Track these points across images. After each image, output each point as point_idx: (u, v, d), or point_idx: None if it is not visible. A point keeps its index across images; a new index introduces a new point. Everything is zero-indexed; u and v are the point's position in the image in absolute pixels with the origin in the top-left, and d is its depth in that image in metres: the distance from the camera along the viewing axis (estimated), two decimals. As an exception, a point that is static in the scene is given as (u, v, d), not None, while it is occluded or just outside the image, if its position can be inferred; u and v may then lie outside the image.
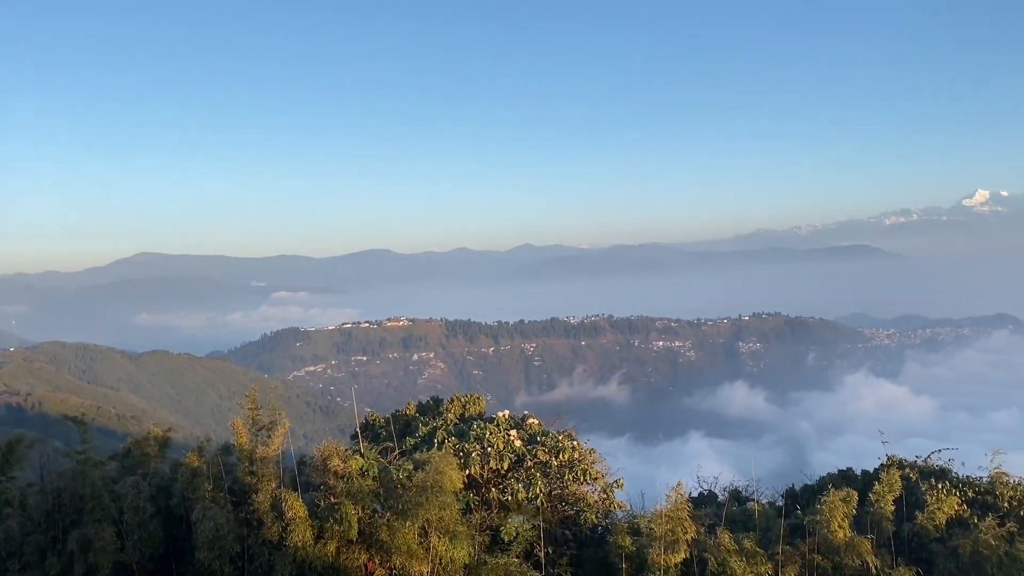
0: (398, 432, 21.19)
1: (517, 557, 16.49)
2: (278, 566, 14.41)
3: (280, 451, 16.29)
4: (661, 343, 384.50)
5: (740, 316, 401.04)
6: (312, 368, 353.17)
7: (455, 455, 17.34)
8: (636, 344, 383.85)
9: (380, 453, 17.94)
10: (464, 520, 16.31)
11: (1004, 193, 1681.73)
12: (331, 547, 14.69)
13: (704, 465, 28.32)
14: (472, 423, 19.78)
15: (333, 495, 15.36)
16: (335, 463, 15.51)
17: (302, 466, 17.97)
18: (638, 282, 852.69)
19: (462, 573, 15.66)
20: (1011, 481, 19.34)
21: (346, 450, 16.78)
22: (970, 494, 19.19)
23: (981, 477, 19.69)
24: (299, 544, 14.42)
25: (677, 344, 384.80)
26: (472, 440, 18.43)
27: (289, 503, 14.63)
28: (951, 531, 17.36)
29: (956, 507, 18.25)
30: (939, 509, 17.96)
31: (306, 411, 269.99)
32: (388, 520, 15.23)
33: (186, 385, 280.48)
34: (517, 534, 17.01)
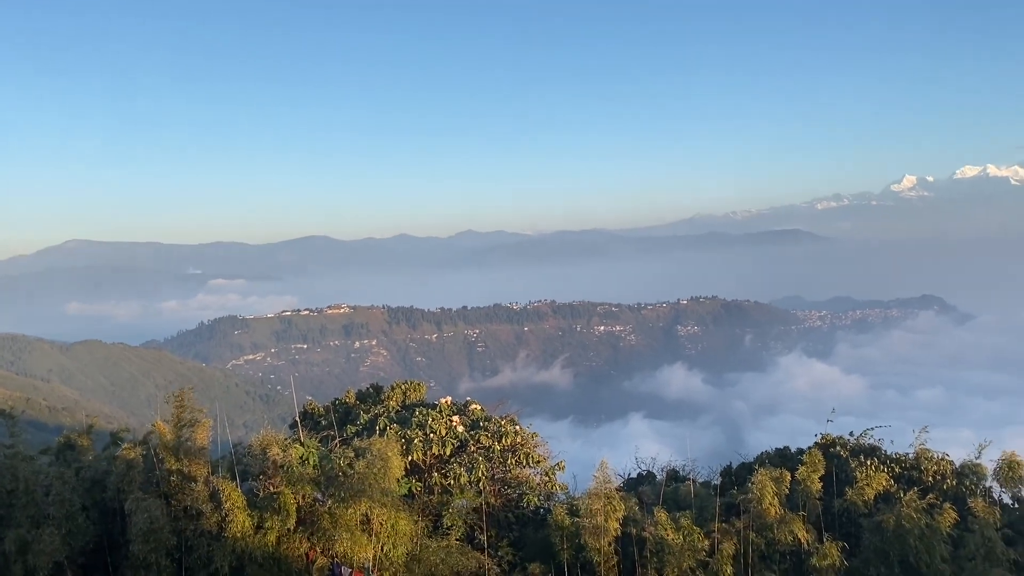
0: (339, 420, 21.09)
1: (460, 540, 16.63)
2: (217, 557, 14.25)
3: (209, 441, 16.07)
4: (602, 328, 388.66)
5: (679, 300, 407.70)
6: (251, 356, 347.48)
7: (397, 442, 17.36)
8: (578, 329, 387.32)
9: (321, 441, 17.85)
10: (407, 505, 16.36)
11: (930, 179, 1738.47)
12: (271, 536, 14.59)
13: (644, 446, 28.86)
14: (414, 410, 19.80)
15: (273, 484, 15.23)
16: (274, 452, 15.39)
17: (241, 456, 17.74)
18: (580, 268, 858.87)
19: (405, 558, 15.72)
20: (935, 456, 20.19)
21: (286, 439, 16.64)
22: (897, 470, 19.97)
23: (908, 453, 20.51)
24: (238, 534, 14.29)
25: (618, 328, 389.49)
26: (414, 426, 18.46)
27: (227, 493, 14.46)
28: (879, 506, 18.07)
29: (884, 483, 18.98)
30: (868, 485, 18.66)
31: (245, 400, 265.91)
32: (330, 508, 15.18)
33: (120, 375, 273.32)
34: (460, 518, 17.14)
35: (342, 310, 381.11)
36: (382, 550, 15.13)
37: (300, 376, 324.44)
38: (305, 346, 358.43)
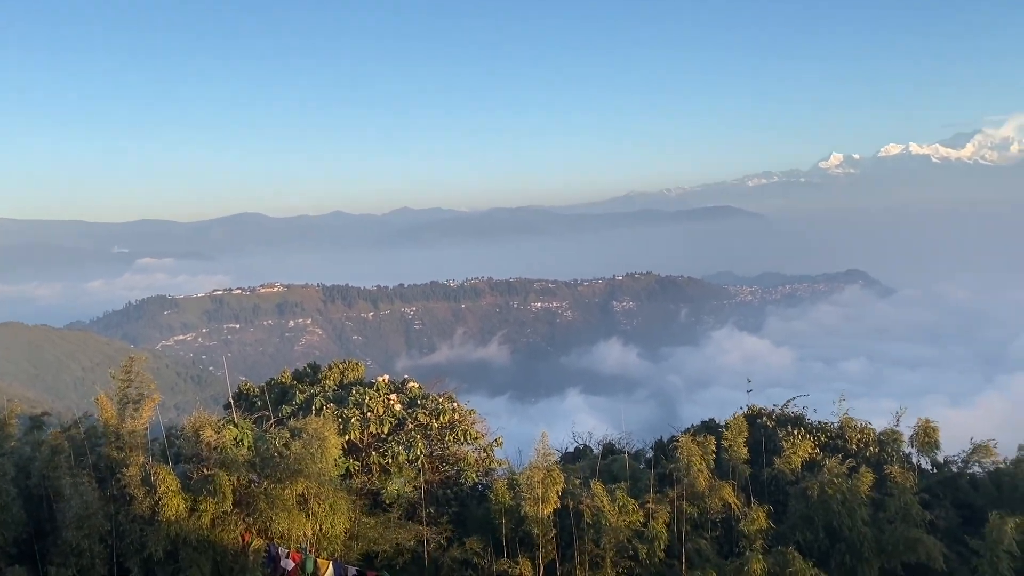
0: (274, 400, 20.88)
1: (399, 518, 16.71)
2: (150, 542, 14.04)
3: (148, 424, 15.76)
4: (539, 304, 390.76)
5: (614, 276, 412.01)
6: (182, 337, 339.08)
7: (334, 421, 17.29)
8: (515, 306, 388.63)
9: (255, 422, 17.67)
10: (344, 485, 16.35)
11: (856, 156, 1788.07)
12: (206, 519, 14.44)
13: (580, 421, 29.31)
14: (351, 389, 19.73)
15: (207, 467, 15.06)
16: (208, 434, 15.19)
17: (173, 439, 17.45)
18: (517, 245, 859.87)
19: (343, 537, 15.73)
20: (858, 425, 21.07)
21: (219, 420, 16.42)
22: (822, 438, 20.79)
23: (832, 423, 21.34)
24: (172, 518, 14.11)
25: (555, 305, 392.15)
26: (351, 406, 18.39)
27: (160, 477, 14.23)
28: (805, 473, 18.78)
29: (810, 451, 19.74)
30: (794, 454, 19.38)
31: (177, 382, 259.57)
32: (266, 489, 15.09)
33: (44, 358, 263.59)
34: (398, 496, 17.21)
35: (276, 289, 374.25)
36: (320, 529, 15.11)
37: (233, 356, 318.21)
38: (238, 326, 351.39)
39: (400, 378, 21.51)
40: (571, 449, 23.18)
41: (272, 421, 18.14)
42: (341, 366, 22.65)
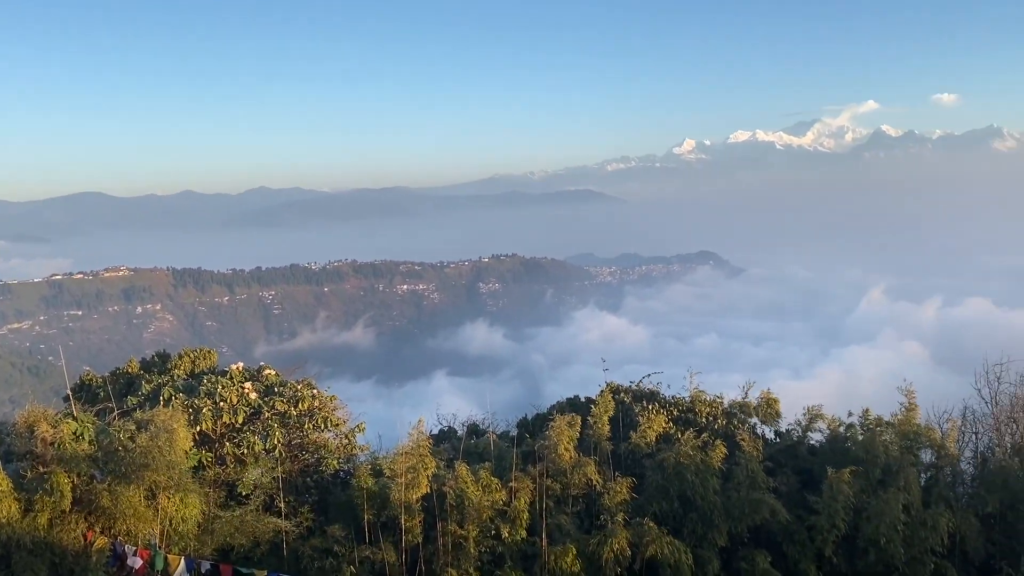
0: (119, 391, 19.75)
1: (256, 509, 16.18)
2: (-24, 548, 13.02)
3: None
4: (405, 286, 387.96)
5: (480, 258, 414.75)
6: (16, 325, 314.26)
7: (184, 412, 16.55)
8: (380, 288, 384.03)
9: (98, 415, 16.66)
10: (196, 477, 15.67)
11: (707, 142, 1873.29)
12: (42, 520, 13.58)
13: (447, 402, 29.32)
14: (203, 378, 18.88)
15: (42, 464, 14.15)
16: (43, 429, 14.27)
17: (3, 435, 16.28)
18: (381, 226, 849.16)
19: (196, 531, 15.10)
20: (708, 398, 22.13)
21: (56, 414, 15.41)
22: (675, 412, 21.70)
23: (685, 397, 22.32)
24: (3, 520, 13.22)
25: (421, 287, 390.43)
26: (203, 395, 17.63)
27: (-13, 477, 13.23)
28: (660, 446, 19.58)
29: (664, 425, 20.57)
30: (650, 428, 20.14)
31: (12, 374, 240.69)
32: (109, 485, 14.30)
33: None
34: (256, 486, 16.66)
35: (121, 273, 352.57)
36: (170, 525, 14.46)
37: (76, 345, 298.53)
38: (80, 312, 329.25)
39: (257, 365, 20.76)
40: (435, 431, 23.16)
41: (116, 413, 17.13)
42: (192, 354, 21.63)
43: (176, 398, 17.50)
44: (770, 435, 21.95)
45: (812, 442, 21.39)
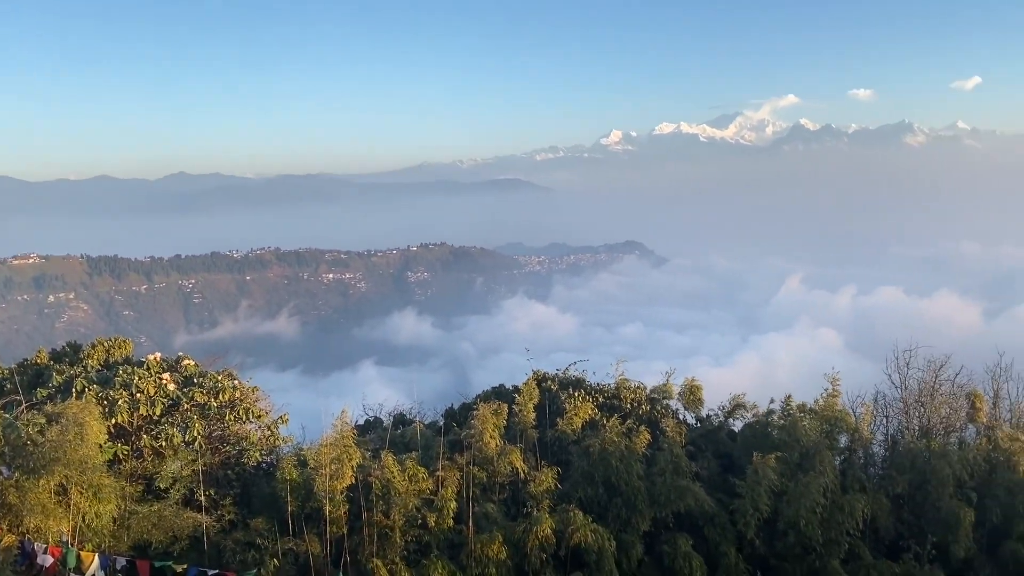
0: (27, 384, 18.92)
1: (175, 503, 15.76)
2: None
3: None
4: (331, 275, 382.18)
5: (408, 247, 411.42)
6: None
7: (98, 404, 15.99)
8: (305, 277, 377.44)
9: (4, 408, 16.00)
10: (111, 471, 15.18)
11: (633, 133, 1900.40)
12: (-58, 520, 12.91)
13: (374, 392, 29.08)
14: (118, 368, 18.24)
15: (-58, 461, 13.47)
16: (-58, 425, 13.55)
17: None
18: (306, 214, 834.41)
19: (111, 527, 14.62)
20: (632, 385, 22.50)
21: (-42, 409, 14.68)
22: (601, 399, 21.99)
23: (610, 384, 22.64)
24: (-101, 521, 12.50)
25: (347, 275, 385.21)
26: (118, 387, 17.05)
27: None
28: (586, 433, 19.82)
29: (590, 412, 20.82)
30: (576, 415, 20.36)
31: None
32: (17, 481, 13.74)
33: None
34: (175, 480, 16.22)
35: (31, 260, 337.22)
36: (83, 521, 13.97)
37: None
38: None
39: (176, 355, 20.17)
40: (361, 422, 22.95)
41: (24, 406, 16.43)
42: (107, 344, 20.87)
43: (89, 390, 16.88)
44: (692, 421, 22.46)
45: (732, 427, 21.98)
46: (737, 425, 21.97)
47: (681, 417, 22.10)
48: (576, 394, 21.25)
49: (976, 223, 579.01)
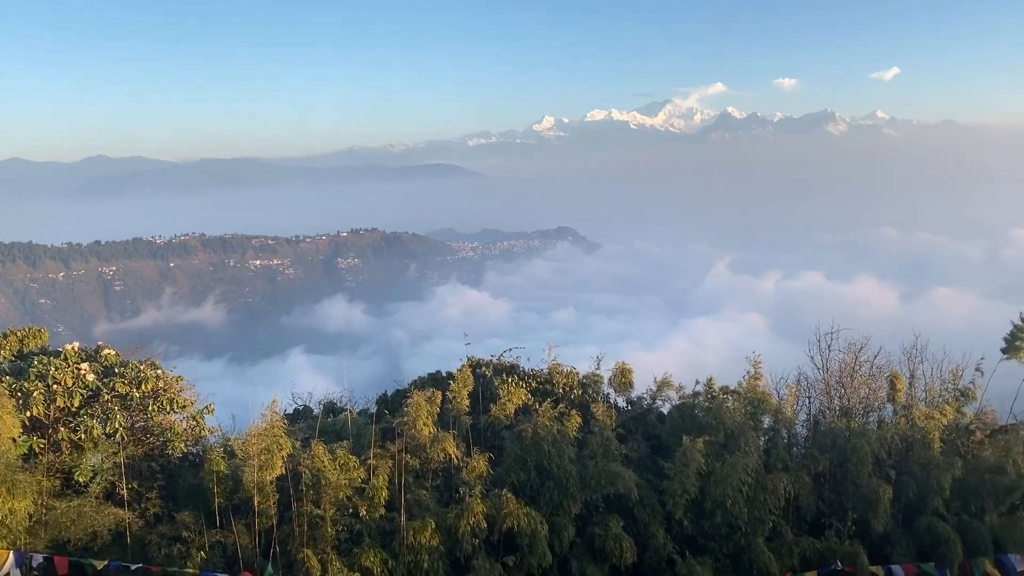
0: (-66, 376, 17.97)
1: (96, 497, 15.27)
2: None
3: None
4: (259, 262, 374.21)
5: (339, 232, 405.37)
6: None
7: (12, 396, 15.35)
8: (231, 264, 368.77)
9: (-93, 403, 15.16)
10: (26, 467, 14.61)
11: (565, 120, 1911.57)
12: None
13: (304, 380, 28.66)
14: (32, 359, 17.52)
15: None
16: None
17: None
18: (232, 199, 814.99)
19: (27, 523, 14.09)
20: (565, 370, 22.68)
21: None
22: (534, 384, 22.11)
23: (543, 369, 22.78)
24: None
25: (275, 262, 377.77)
26: (33, 378, 16.38)
27: None
28: (519, 418, 19.91)
29: (523, 397, 20.91)
30: (509, 400, 20.43)
31: None
32: (-77, 480, 13.07)
33: None
34: (95, 473, 15.71)
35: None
36: (-3, 518, 13.41)
37: None
38: None
39: (95, 345, 19.47)
40: (291, 411, 22.58)
41: (-70, 401, 15.63)
42: (20, 333, 20.00)
43: (2, 382, 16.18)
44: (622, 404, 22.76)
45: (660, 410, 22.36)
46: (665, 407, 22.35)
47: (612, 401, 22.38)
48: (510, 380, 21.31)
49: (893, 210, 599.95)
